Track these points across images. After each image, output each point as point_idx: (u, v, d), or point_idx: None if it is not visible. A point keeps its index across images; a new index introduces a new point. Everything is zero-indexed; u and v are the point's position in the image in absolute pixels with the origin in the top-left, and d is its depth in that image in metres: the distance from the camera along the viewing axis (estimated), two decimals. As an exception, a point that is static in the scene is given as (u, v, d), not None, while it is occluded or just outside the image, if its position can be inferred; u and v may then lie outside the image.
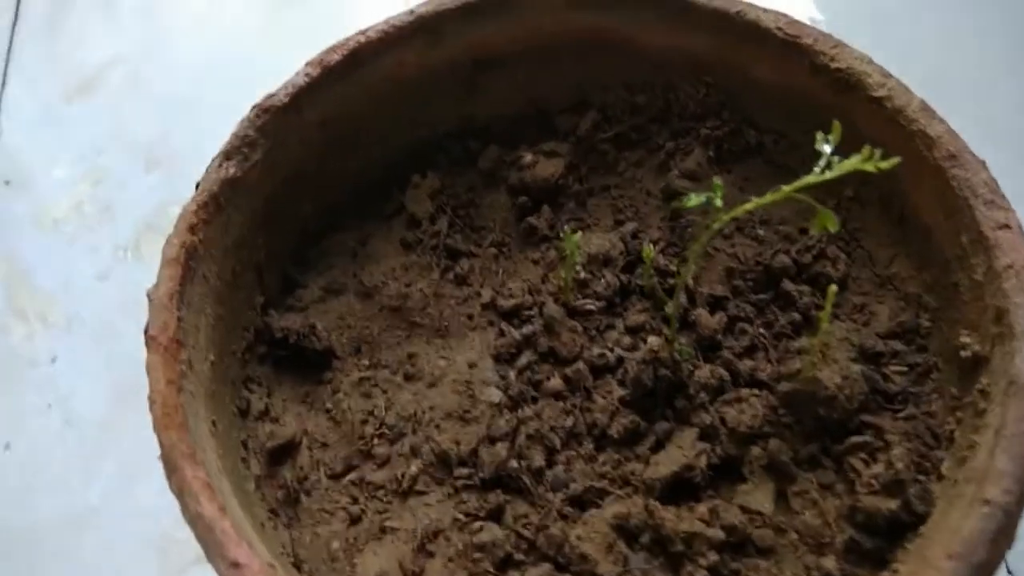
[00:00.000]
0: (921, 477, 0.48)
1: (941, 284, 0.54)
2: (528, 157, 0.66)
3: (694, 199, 0.45)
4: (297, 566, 0.50)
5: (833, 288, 0.45)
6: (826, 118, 0.43)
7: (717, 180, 0.45)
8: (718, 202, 0.44)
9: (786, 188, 0.42)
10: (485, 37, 0.64)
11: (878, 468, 0.48)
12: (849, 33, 0.58)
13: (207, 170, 0.54)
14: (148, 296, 0.49)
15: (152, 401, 0.45)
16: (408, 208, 0.66)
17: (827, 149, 0.41)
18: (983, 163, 0.51)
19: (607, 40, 0.65)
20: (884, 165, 0.40)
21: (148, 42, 1.01)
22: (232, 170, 0.54)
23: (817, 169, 0.42)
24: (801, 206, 0.63)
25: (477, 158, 0.68)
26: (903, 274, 0.57)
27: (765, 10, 0.60)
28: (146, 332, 0.48)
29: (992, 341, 0.47)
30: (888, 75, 0.56)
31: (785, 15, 0.59)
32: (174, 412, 0.45)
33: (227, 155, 0.54)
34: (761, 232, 0.62)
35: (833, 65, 0.57)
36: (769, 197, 0.43)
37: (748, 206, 0.43)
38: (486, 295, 0.62)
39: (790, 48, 0.59)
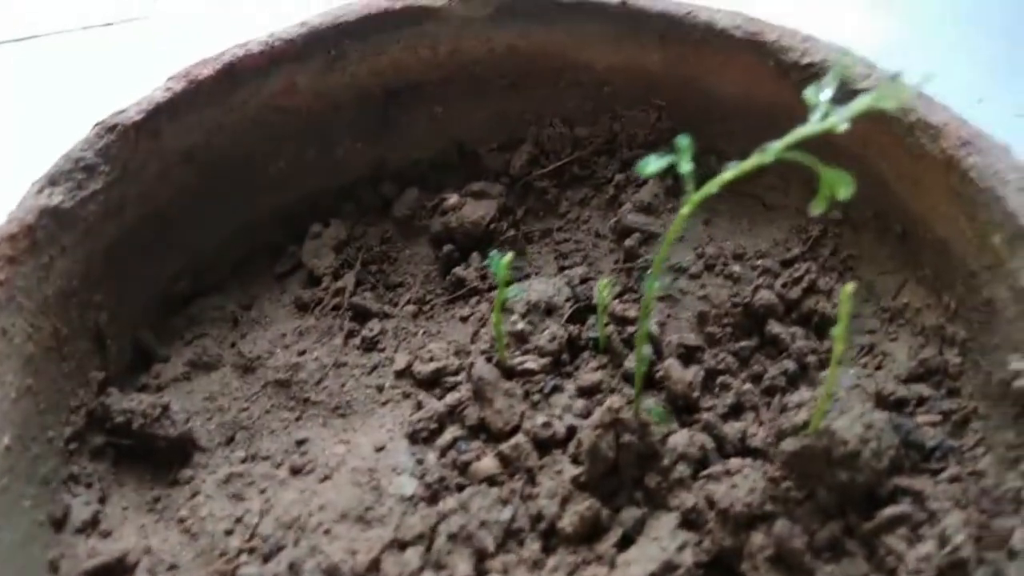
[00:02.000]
0: (988, 555, 0.34)
1: (968, 306, 0.42)
2: (453, 199, 0.55)
3: (652, 164, 0.33)
4: None
5: (849, 287, 0.33)
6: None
7: (683, 139, 0.34)
8: (685, 166, 0.33)
9: (778, 145, 0.31)
10: (396, 60, 0.54)
11: (927, 547, 0.35)
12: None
13: (24, 196, 0.42)
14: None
15: None
16: (305, 263, 0.54)
17: (823, 96, 0.31)
18: (1006, 147, 0.41)
19: (542, 64, 0.55)
20: (907, 95, 0.29)
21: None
22: (59, 199, 0.42)
23: (815, 117, 0.31)
24: (781, 235, 0.53)
25: (392, 204, 0.56)
26: (916, 304, 0.46)
27: (718, 10, 0.51)
28: None
29: (1058, 360, 0.35)
30: (872, 65, 0.46)
31: (741, 13, 0.51)
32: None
33: (52, 180, 0.42)
34: (736, 268, 0.50)
35: (805, 60, 0.48)
36: (755, 159, 0.31)
37: (727, 175, 0.32)
38: (401, 361, 0.49)
39: (751, 48, 0.50)
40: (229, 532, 0.42)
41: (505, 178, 0.57)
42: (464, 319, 0.52)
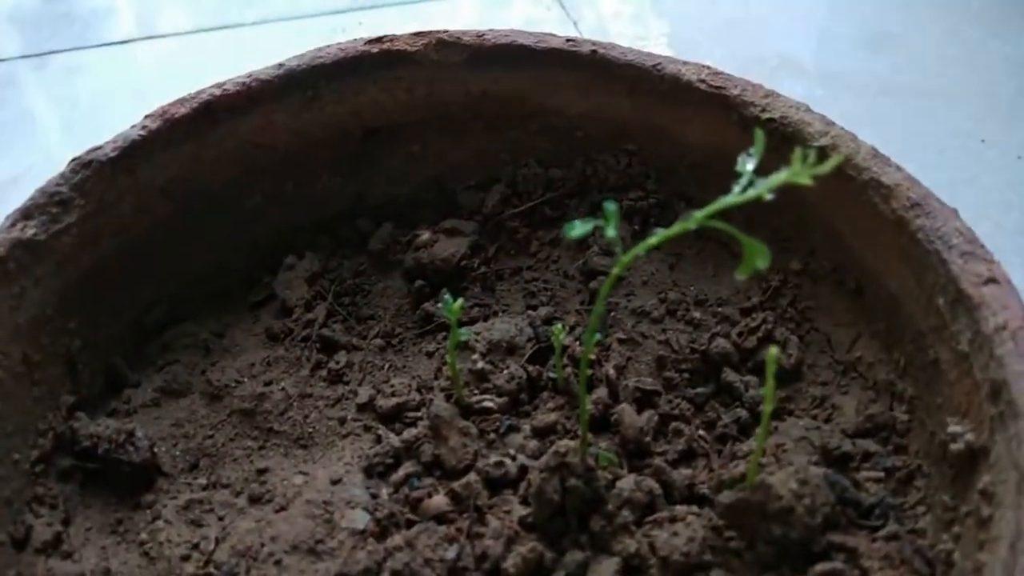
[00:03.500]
0: (916, 618, 0.35)
1: (917, 364, 0.43)
2: (425, 235, 0.56)
3: (578, 228, 0.34)
4: None
5: (774, 351, 0.34)
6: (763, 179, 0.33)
7: (610, 206, 0.35)
8: (610, 231, 0.34)
9: (698, 214, 0.32)
10: (373, 101, 0.56)
11: (856, 607, 0.35)
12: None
13: (-4, 230, 0.43)
14: None
15: None
16: (278, 294, 0.55)
17: (749, 166, 0.32)
18: (954, 211, 0.42)
19: (516, 108, 0.57)
20: (822, 169, 0.30)
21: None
22: (32, 232, 0.44)
23: (737, 188, 0.32)
24: (741, 284, 0.54)
25: (368, 239, 0.58)
26: (869, 358, 0.47)
27: (685, 63, 0.52)
28: None
29: (990, 426, 0.35)
30: (831, 123, 0.47)
31: (708, 67, 0.52)
32: None
33: (26, 214, 0.44)
34: (697, 315, 0.51)
35: (765, 116, 0.49)
36: (678, 227, 0.32)
37: (652, 240, 0.33)
38: (364, 394, 0.50)
39: (715, 102, 0.51)
40: (185, 558, 0.43)
41: (479, 216, 0.58)
42: (430, 355, 0.53)
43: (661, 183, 0.56)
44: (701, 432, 0.47)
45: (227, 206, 0.54)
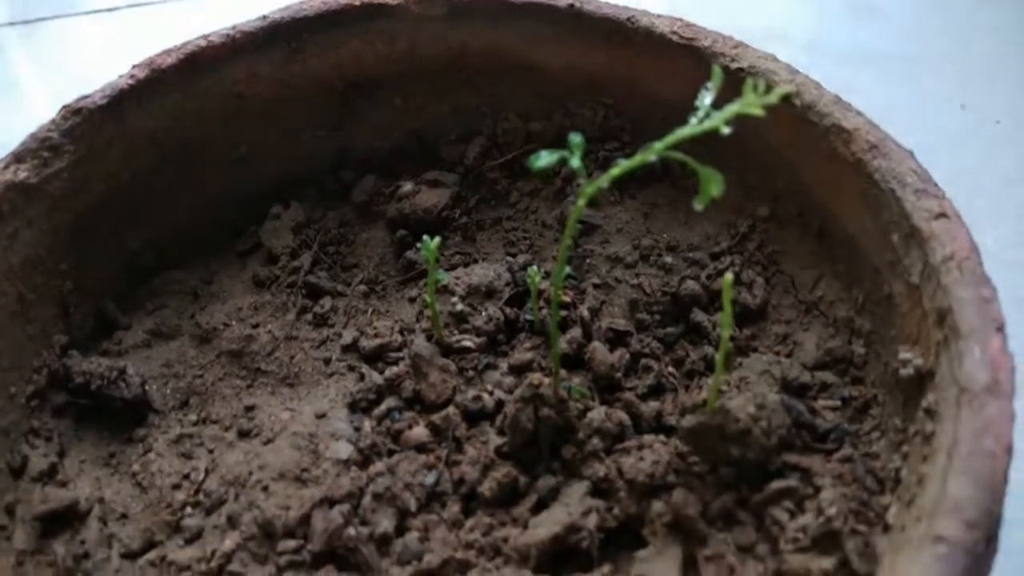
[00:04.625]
0: (861, 528, 0.37)
1: (873, 300, 0.45)
2: (408, 187, 0.58)
3: (544, 158, 0.36)
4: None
5: (729, 277, 0.36)
6: (734, 132, 0.35)
7: (575, 137, 0.36)
8: (575, 161, 0.35)
9: (658, 145, 0.34)
10: (355, 54, 0.57)
11: (806, 519, 0.38)
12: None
13: (-10, 173, 0.45)
14: None
15: None
16: (264, 242, 0.57)
17: (707, 100, 0.34)
18: (910, 152, 0.44)
19: (495, 62, 0.58)
20: (771, 98, 0.32)
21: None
22: (24, 175, 0.45)
23: (694, 120, 0.33)
24: (713, 230, 0.55)
25: (351, 190, 0.59)
26: (830, 297, 0.49)
27: (659, 15, 0.54)
28: None
29: (936, 350, 0.38)
30: (795, 71, 0.49)
31: (680, 19, 0.53)
32: None
33: (18, 157, 0.45)
34: (669, 260, 0.53)
35: (734, 66, 0.50)
36: (638, 158, 0.34)
37: (615, 171, 0.35)
38: (348, 336, 0.52)
39: (687, 53, 0.52)
40: (176, 487, 0.45)
41: (460, 168, 0.60)
42: (412, 300, 0.55)
43: (636, 135, 0.58)
44: (670, 368, 0.49)
45: (213, 156, 0.55)
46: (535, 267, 0.50)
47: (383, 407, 0.48)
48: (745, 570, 0.38)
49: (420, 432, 0.46)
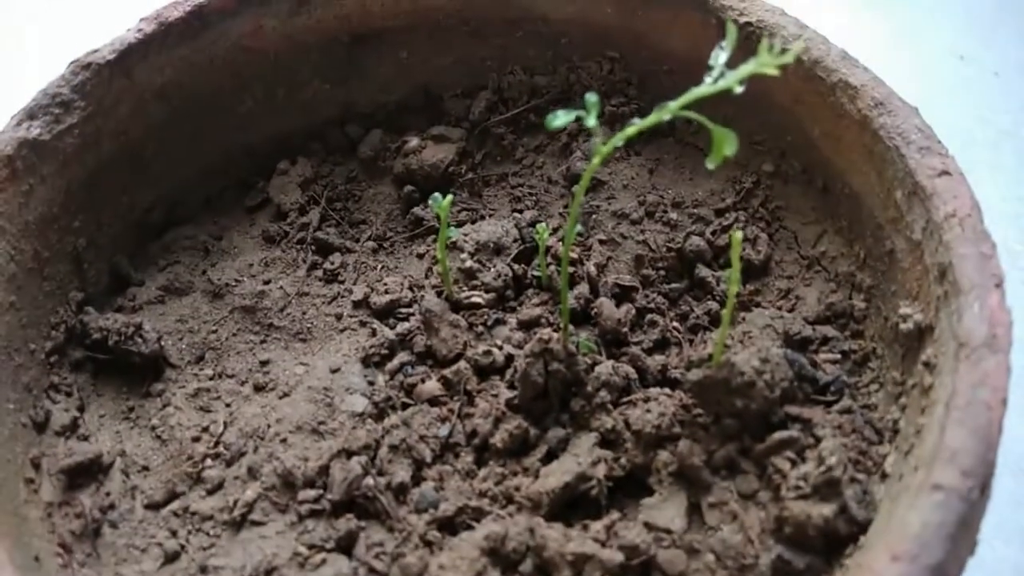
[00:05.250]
0: (860, 476, 0.39)
1: (875, 256, 0.46)
2: (414, 142, 0.58)
3: (560, 117, 0.36)
4: (84, 615, 0.39)
5: (738, 235, 0.37)
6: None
7: (591, 96, 0.37)
8: (591, 120, 0.36)
9: (672, 104, 0.34)
10: (361, 6, 0.57)
11: (807, 467, 0.39)
12: None
13: (2, 129, 0.45)
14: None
15: None
16: (273, 198, 0.57)
17: (721, 59, 0.34)
18: (915, 109, 0.44)
19: (501, 13, 0.58)
20: (787, 58, 0.32)
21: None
22: (36, 131, 0.45)
23: (709, 79, 0.34)
24: (717, 186, 0.56)
25: (358, 145, 0.60)
26: (832, 252, 0.50)
27: (666, -34, 0.54)
28: None
29: (936, 305, 0.39)
30: (804, 26, 0.49)
31: (688, -29, 0.53)
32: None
33: (31, 114, 0.45)
34: (674, 216, 0.54)
35: (743, 19, 0.50)
36: (653, 117, 0.35)
37: (630, 130, 0.35)
38: (358, 292, 0.53)
39: (695, 5, 0.52)
40: (196, 439, 0.47)
41: (466, 123, 0.60)
42: (420, 256, 0.55)
43: (643, 89, 0.58)
44: (675, 323, 0.50)
45: (221, 111, 0.55)
46: (543, 224, 0.50)
47: (396, 362, 0.49)
48: (747, 516, 0.40)
49: (433, 386, 0.47)
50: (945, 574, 0.29)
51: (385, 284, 0.53)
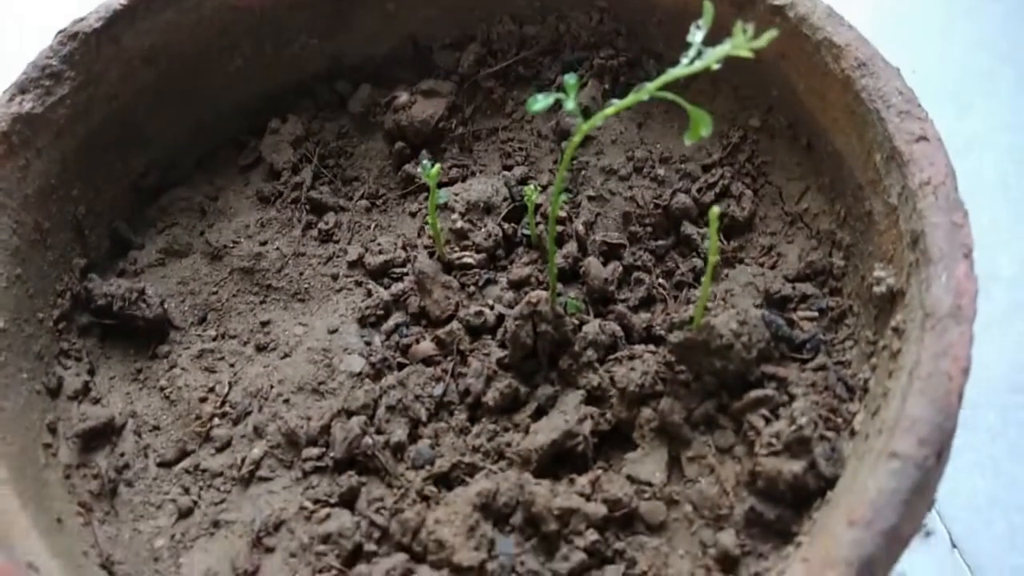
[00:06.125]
0: (829, 434, 0.41)
1: (855, 215, 0.47)
2: (404, 97, 0.59)
3: (540, 102, 0.37)
4: (108, 567, 0.42)
5: (715, 211, 0.38)
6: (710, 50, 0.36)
7: (570, 79, 0.37)
8: (570, 104, 0.37)
9: (650, 86, 0.35)
10: (345, -41, 0.56)
11: (780, 425, 0.41)
12: None
13: (-6, 106, 0.45)
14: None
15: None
16: (265, 158, 0.58)
17: (698, 37, 0.34)
18: (897, 70, 0.44)
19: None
20: (759, 43, 0.33)
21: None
22: (29, 105, 0.46)
23: (685, 60, 0.34)
24: (704, 140, 0.57)
25: (347, 101, 0.60)
26: (814, 209, 0.51)
27: (655, -83, 0.53)
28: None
29: (908, 271, 0.40)
30: (797, -13, 0.49)
31: (677, -78, 0.52)
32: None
33: (22, 88, 0.46)
34: (661, 172, 0.55)
35: (731, -26, 0.50)
36: (631, 98, 0.35)
37: (609, 111, 0.36)
38: (353, 252, 0.54)
39: (684, -42, 0.52)
40: (203, 400, 0.49)
41: (455, 76, 0.60)
42: (413, 214, 0.56)
43: (631, 40, 0.58)
44: (660, 280, 0.51)
45: (210, 70, 0.56)
46: (533, 184, 0.51)
47: (391, 322, 0.51)
48: (724, 469, 0.42)
49: (427, 346, 0.49)
50: (900, 536, 0.32)
51: (379, 244, 0.54)
